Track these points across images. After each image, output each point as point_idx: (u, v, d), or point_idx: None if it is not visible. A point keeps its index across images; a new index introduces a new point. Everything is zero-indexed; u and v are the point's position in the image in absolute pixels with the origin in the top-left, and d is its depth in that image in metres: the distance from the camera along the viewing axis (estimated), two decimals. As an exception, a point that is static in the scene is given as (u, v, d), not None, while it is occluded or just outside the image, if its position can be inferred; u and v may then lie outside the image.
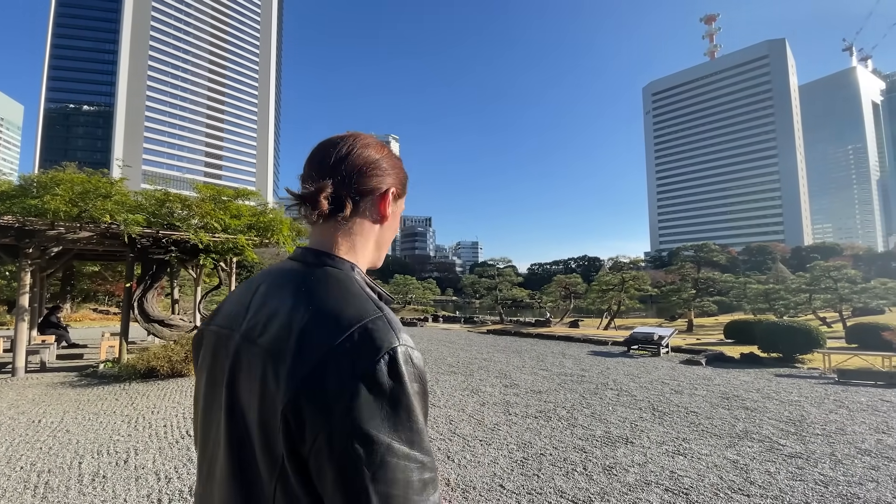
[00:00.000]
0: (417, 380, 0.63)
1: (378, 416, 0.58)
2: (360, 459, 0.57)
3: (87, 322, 22.45)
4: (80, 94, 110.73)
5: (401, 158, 0.89)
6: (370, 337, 0.62)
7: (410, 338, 0.66)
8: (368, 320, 0.64)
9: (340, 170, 0.78)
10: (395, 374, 0.60)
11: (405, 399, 0.60)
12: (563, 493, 3.74)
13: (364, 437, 0.57)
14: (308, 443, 0.60)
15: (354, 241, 0.80)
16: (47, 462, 4.37)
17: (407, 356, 0.62)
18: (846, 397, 7.22)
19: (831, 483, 3.95)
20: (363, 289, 0.72)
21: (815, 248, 76.76)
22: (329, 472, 0.58)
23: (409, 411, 0.60)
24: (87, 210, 8.81)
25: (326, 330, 0.64)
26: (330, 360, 0.61)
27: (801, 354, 10.65)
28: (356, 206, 0.79)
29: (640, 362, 10.81)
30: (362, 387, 0.59)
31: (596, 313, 27.70)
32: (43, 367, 9.30)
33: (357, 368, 0.60)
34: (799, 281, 22.09)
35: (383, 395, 0.59)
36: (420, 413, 0.61)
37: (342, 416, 0.58)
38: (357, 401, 0.58)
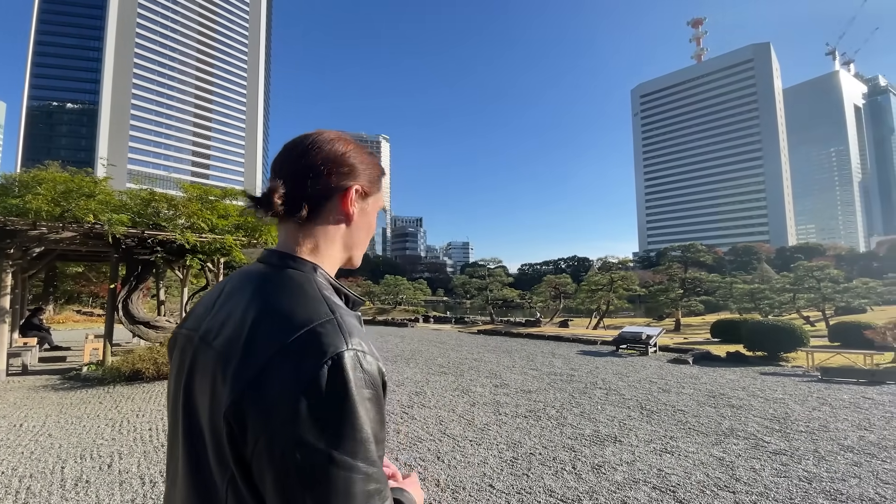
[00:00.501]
0: (368, 386, 0.61)
1: (318, 424, 0.56)
2: (298, 467, 0.56)
3: (70, 324, 22.02)
4: (63, 91, 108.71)
5: (373, 154, 0.85)
6: (316, 341, 0.61)
7: (365, 342, 0.64)
8: (317, 324, 0.63)
9: (298, 168, 0.76)
10: (338, 380, 0.58)
11: (349, 406, 0.57)
12: (552, 492, 3.76)
13: (302, 444, 0.56)
14: (250, 446, 0.59)
15: (317, 242, 0.78)
16: (29, 467, 4.28)
17: (355, 361, 0.60)
18: (829, 395, 7.35)
19: (815, 479, 4.02)
20: (321, 291, 0.70)
21: (799, 248, 78.21)
22: (268, 477, 0.57)
23: (353, 419, 0.57)
24: (69, 210, 8.67)
25: (273, 333, 0.63)
26: (273, 364, 0.60)
27: (785, 353, 10.82)
28: (316, 206, 0.76)
29: (629, 361, 10.91)
30: (303, 392, 0.57)
31: (585, 313, 27.87)
32: (25, 370, 9.11)
33: (300, 373, 0.58)
34: (783, 281, 22.43)
35: (324, 401, 0.57)
36: (367, 421, 0.59)
37: (282, 421, 0.57)
38: (297, 407, 0.57)
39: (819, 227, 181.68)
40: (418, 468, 4.28)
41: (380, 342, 14.88)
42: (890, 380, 8.16)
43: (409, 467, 4.30)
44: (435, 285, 72.56)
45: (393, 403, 6.82)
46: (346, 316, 0.67)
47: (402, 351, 12.79)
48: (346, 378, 0.58)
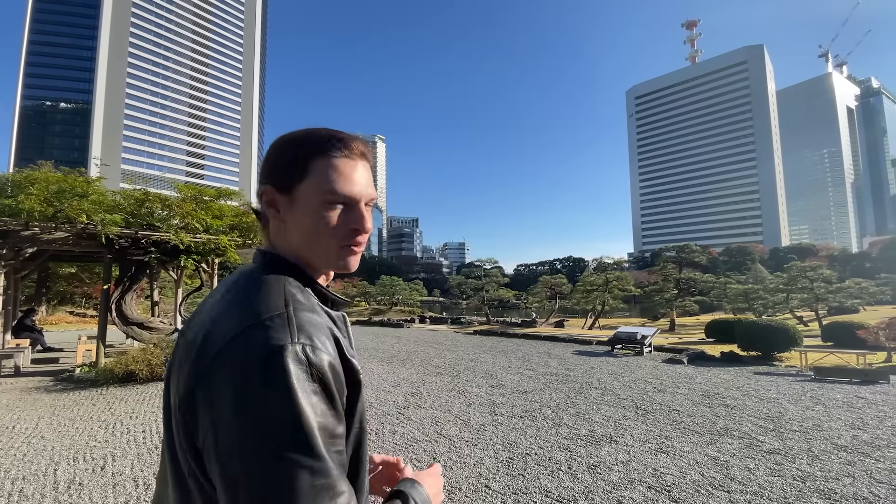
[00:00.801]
0: (314, 380, 0.60)
1: (259, 418, 0.57)
2: (241, 460, 0.56)
3: (63, 325, 21.83)
4: (57, 90, 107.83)
5: (300, 140, 0.77)
6: (261, 334, 0.62)
7: (319, 338, 0.64)
8: (266, 318, 0.64)
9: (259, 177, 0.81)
10: (278, 374, 0.58)
11: (290, 400, 0.57)
12: (548, 493, 3.76)
13: (245, 437, 0.56)
14: (200, 438, 0.60)
15: (276, 241, 0.80)
16: (22, 469, 4.24)
17: (300, 355, 0.60)
18: (822, 394, 7.40)
19: (809, 478, 4.05)
20: (285, 287, 0.71)
21: (793, 248, 78.71)
22: (215, 469, 0.58)
23: (295, 413, 0.57)
24: (62, 210, 8.58)
25: (226, 327, 0.64)
26: (221, 358, 0.61)
27: (779, 353, 10.89)
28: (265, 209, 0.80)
29: (624, 361, 10.94)
30: (244, 386, 0.58)
31: (581, 313, 27.93)
32: (17, 371, 9.03)
33: (242, 366, 0.59)
34: (777, 281, 22.61)
35: (264, 395, 0.57)
36: (313, 416, 0.58)
37: (224, 415, 0.58)
38: (239, 400, 0.57)
39: (812, 227, 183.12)
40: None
41: (375, 343, 14.86)
42: (882, 379, 8.23)
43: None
44: (431, 286, 72.49)
45: (388, 404, 6.81)
46: (301, 311, 0.67)
47: (398, 352, 12.77)
48: (286, 371, 0.58)
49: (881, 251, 56.85)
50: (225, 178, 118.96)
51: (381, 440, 5.15)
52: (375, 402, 6.91)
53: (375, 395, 7.45)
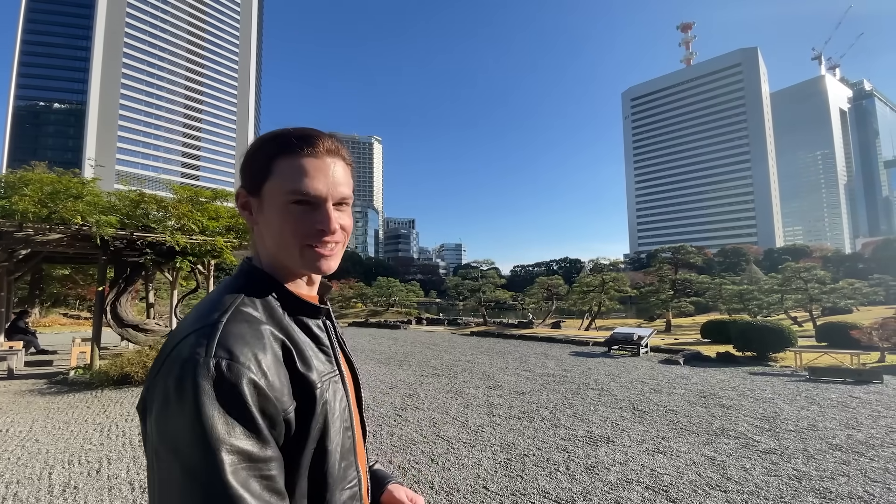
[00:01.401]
0: (229, 397, 0.58)
1: (171, 433, 0.57)
2: (156, 469, 0.58)
3: (56, 327, 21.65)
4: (51, 91, 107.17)
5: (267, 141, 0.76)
6: (184, 347, 0.62)
7: (242, 350, 0.62)
8: (194, 330, 0.65)
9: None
10: (190, 387, 0.58)
11: (195, 418, 0.56)
12: (546, 494, 3.76)
13: (159, 451, 0.58)
14: (147, 447, 0.62)
15: (258, 246, 0.80)
16: (16, 473, 4.20)
17: (213, 370, 0.59)
18: (817, 394, 7.45)
19: (804, 478, 4.07)
20: (235, 295, 0.71)
21: (787, 249, 79.26)
22: (153, 476, 0.60)
23: (198, 432, 0.56)
24: (56, 211, 8.51)
25: (172, 339, 0.67)
26: (160, 370, 0.63)
27: (774, 353, 10.95)
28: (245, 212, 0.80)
29: (621, 362, 10.97)
30: (164, 400, 0.59)
31: (577, 314, 27.99)
32: (10, 374, 8.94)
33: (166, 381, 0.60)
34: (771, 282, 22.73)
35: (176, 411, 0.58)
36: (223, 436, 0.56)
37: (152, 425, 0.60)
38: (160, 413, 0.59)
39: (806, 228, 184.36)
40: (412, 471, 4.27)
41: (372, 344, 14.83)
42: (876, 379, 8.29)
43: (403, 470, 4.29)
44: (428, 287, 72.50)
45: (386, 406, 6.80)
46: (235, 323, 0.66)
47: (395, 353, 12.75)
48: (197, 385, 0.58)
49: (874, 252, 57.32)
50: (221, 179, 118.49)
51: (379, 442, 5.14)
52: (373, 405, 6.89)
53: (373, 396, 7.44)
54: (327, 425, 0.70)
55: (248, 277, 0.76)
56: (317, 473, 0.69)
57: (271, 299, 0.74)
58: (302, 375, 0.68)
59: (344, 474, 0.73)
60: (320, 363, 0.74)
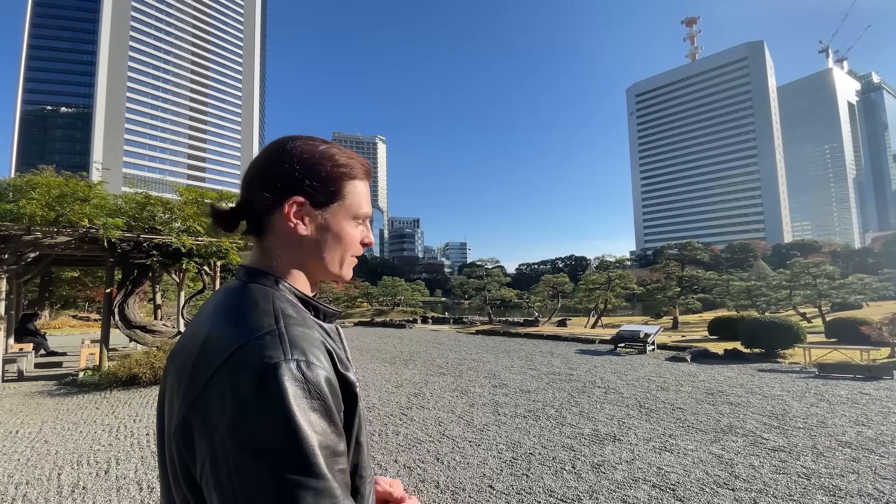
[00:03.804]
0: (313, 396, 0.59)
1: (257, 439, 0.55)
2: (239, 486, 0.55)
3: (66, 329, 21.88)
4: (57, 95, 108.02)
5: (336, 158, 0.78)
6: (253, 354, 0.60)
7: (314, 353, 0.63)
8: (256, 336, 0.62)
9: (254, 184, 0.77)
10: (274, 393, 0.57)
11: (287, 419, 0.56)
12: (552, 492, 3.75)
13: (243, 462, 0.55)
14: (198, 468, 0.58)
15: (280, 256, 0.77)
16: (25, 474, 4.25)
17: (295, 372, 0.59)
18: (826, 391, 7.38)
19: (814, 475, 4.03)
20: (274, 303, 0.70)
21: (795, 245, 78.45)
22: (215, 498, 0.56)
23: (294, 433, 0.56)
24: (64, 214, 8.60)
25: (217, 350, 0.63)
26: (215, 382, 0.59)
27: (782, 349, 10.86)
28: (266, 221, 0.77)
29: (627, 360, 10.92)
30: (240, 408, 0.56)
31: (583, 312, 27.86)
32: (20, 375, 9.05)
33: (235, 389, 0.58)
34: (780, 277, 22.51)
35: (262, 416, 0.56)
36: (313, 434, 0.57)
37: (222, 440, 0.56)
38: (236, 423, 0.56)
39: (814, 223, 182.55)
40: (418, 470, 4.27)
41: (378, 343, 14.86)
42: (886, 375, 8.20)
43: (409, 469, 4.29)
44: (433, 286, 72.44)
45: (391, 405, 6.81)
46: (293, 327, 0.66)
47: (401, 352, 12.77)
48: (282, 390, 0.57)
49: (884, 246, 56.58)
50: (226, 180, 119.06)
51: (385, 441, 5.15)
52: (378, 403, 6.91)
53: (378, 395, 7.45)
54: (362, 423, 0.73)
55: (267, 283, 0.75)
56: (356, 466, 0.71)
57: (297, 305, 0.74)
58: (344, 376, 0.69)
59: (368, 467, 0.76)
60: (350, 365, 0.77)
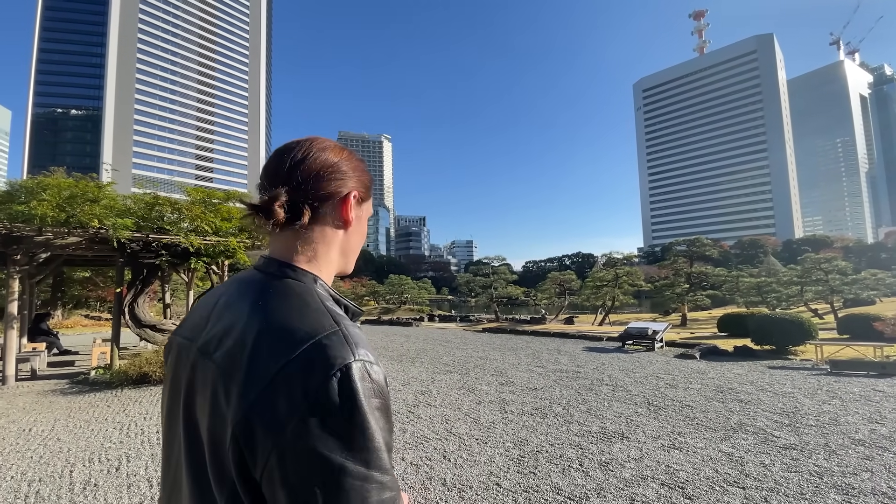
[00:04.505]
0: (377, 395, 0.61)
1: (331, 437, 0.56)
2: (313, 482, 0.55)
3: (78, 328, 22.18)
4: (68, 98, 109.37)
5: (363, 160, 0.88)
6: (323, 354, 0.60)
7: (371, 353, 0.64)
8: (322, 336, 0.62)
9: (296, 176, 0.74)
10: (348, 392, 0.58)
11: (360, 417, 0.58)
12: (559, 490, 3.73)
13: (316, 458, 0.56)
14: (259, 466, 0.58)
15: (317, 250, 0.77)
16: (38, 471, 4.31)
17: (363, 372, 0.61)
18: (839, 388, 7.28)
19: (826, 474, 3.98)
20: (323, 302, 0.70)
21: (806, 240, 77.42)
22: (282, 495, 0.56)
23: (365, 430, 0.58)
24: (74, 215, 8.70)
25: (279, 347, 0.62)
26: (281, 380, 0.59)
27: (793, 346, 10.73)
28: (315, 213, 0.75)
29: (635, 357, 10.85)
30: (313, 406, 0.57)
31: (591, 309, 27.74)
32: (34, 374, 9.18)
33: (308, 387, 0.58)
34: (790, 273, 22.25)
35: (336, 414, 0.57)
36: (378, 430, 0.59)
37: (294, 437, 0.56)
38: (308, 421, 0.56)
39: (826, 218, 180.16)
40: (424, 467, 4.27)
41: (385, 341, 14.90)
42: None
43: (416, 467, 4.30)
44: (439, 284, 72.44)
45: (398, 403, 6.82)
46: (350, 327, 0.67)
47: (408, 350, 12.79)
48: (354, 389, 0.58)
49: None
50: (234, 180, 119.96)
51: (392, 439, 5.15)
52: (385, 401, 6.92)
53: (385, 393, 7.46)
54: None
55: (303, 280, 0.74)
56: None
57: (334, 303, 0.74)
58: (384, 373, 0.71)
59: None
60: None
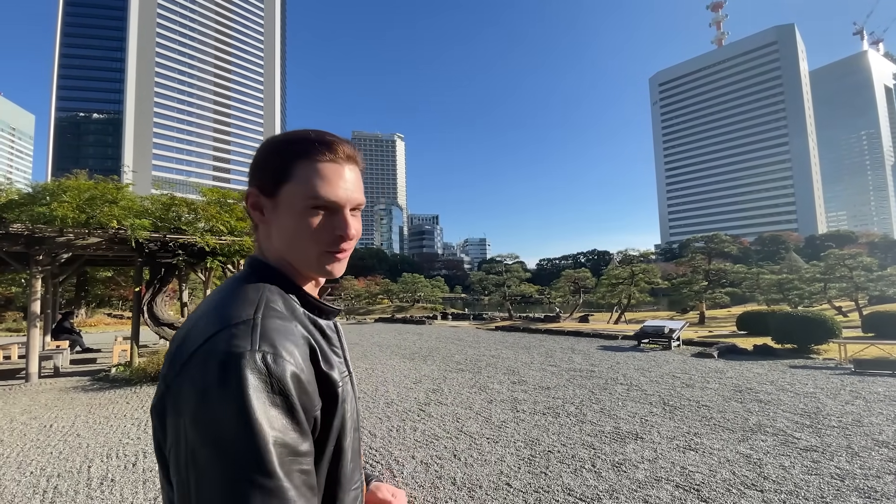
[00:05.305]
0: (275, 391, 0.58)
1: (214, 429, 0.55)
2: (193, 474, 0.55)
3: (101, 327, 22.79)
4: (89, 102, 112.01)
5: (288, 140, 0.76)
6: (223, 342, 0.60)
7: (287, 347, 0.62)
8: (231, 325, 0.63)
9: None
10: (235, 382, 0.56)
11: (244, 412, 0.55)
12: (570, 491, 3.68)
13: (198, 450, 0.55)
14: (167, 446, 0.61)
15: (263, 244, 0.79)
16: (57, 466, 4.41)
17: (259, 364, 0.58)
18: (863, 388, 7.06)
19: (848, 477, 3.85)
20: (263, 293, 0.70)
21: (830, 236, 75.33)
22: (173, 479, 0.58)
23: (250, 427, 0.55)
24: (94, 216, 8.90)
25: (197, 335, 0.64)
26: (188, 365, 0.60)
27: (816, 345, 10.44)
28: (256, 210, 0.78)
29: (651, 356, 10.69)
30: (202, 395, 0.57)
31: (606, 307, 27.44)
32: (56, 372, 9.44)
33: (201, 374, 0.58)
34: (813, 270, 21.67)
35: (222, 406, 0.56)
36: (267, 428, 0.56)
37: (186, 422, 0.57)
38: (196, 410, 0.56)
39: (850, 213, 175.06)
40: (434, 466, 4.26)
41: (398, 340, 14.95)
42: (929, 371, 7.79)
43: (426, 465, 4.29)
44: (452, 282, 72.45)
45: (410, 401, 6.83)
46: (272, 319, 0.65)
47: (420, 348, 12.81)
48: (242, 380, 0.57)
49: (927, 236, 53.84)
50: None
51: (403, 437, 5.16)
52: (397, 400, 6.94)
53: (397, 391, 7.48)
54: (344, 425, 0.71)
55: (263, 276, 0.75)
56: (333, 473, 0.70)
57: (290, 299, 0.74)
58: (326, 374, 0.68)
59: (352, 475, 0.74)
60: (337, 363, 0.75)
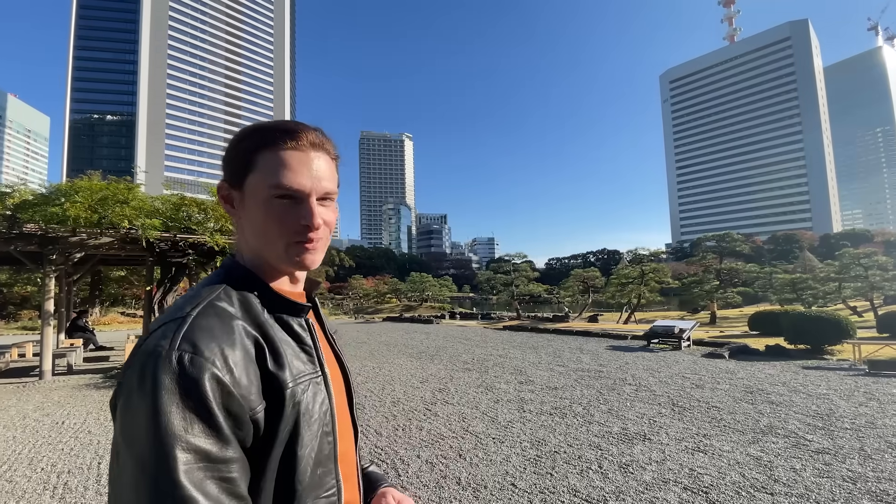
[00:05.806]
0: (187, 393, 0.56)
1: (129, 429, 0.56)
2: (116, 466, 0.56)
3: (115, 325, 23.13)
4: (103, 104, 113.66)
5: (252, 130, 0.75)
6: (153, 342, 0.60)
7: (209, 347, 0.60)
8: (164, 323, 0.63)
9: None
10: (149, 380, 0.56)
11: (150, 413, 0.54)
12: (576, 492, 3.65)
13: (119, 448, 0.57)
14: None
15: (240, 241, 0.79)
16: (68, 463, 4.48)
17: (174, 364, 0.57)
18: (877, 389, 6.92)
19: (860, 479, 3.77)
20: (214, 290, 0.70)
21: (845, 234, 74.02)
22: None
23: (152, 428, 0.53)
24: (106, 216, 9.02)
25: (145, 334, 0.65)
26: (126, 364, 0.62)
27: (829, 345, 10.27)
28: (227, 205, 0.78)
29: (661, 356, 10.58)
30: (128, 392, 0.58)
31: (616, 307, 27.22)
32: (70, 369, 9.58)
33: (130, 374, 0.59)
34: (827, 269, 21.33)
35: (136, 405, 0.56)
36: (174, 431, 0.53)
37: (116, 420, 0.59)
38: (123, 407, 0.58)
39: (866, 211, 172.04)
40: (440, 466, 4.25)
41: (405, 339, 14.97)
42: (947, 373, 7.61)
43: (431, 465, 4.28)
44: (460, 282, 72.30)
45: (416, 400, 6.82)
46: (205, 317, 0.64)
47: (427, 347, 12.81)
48: (154, 382, 0.56)
49: (945, 235, 52.70)
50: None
51: (408, 436, 5.15)
52: (403, 398, 6.94)
53: (403, 390, 7.49)
54: (299, 429, 0.67)
55: (228, 273, 0.74)
56: (285, 479, 0.66)
57: (250, 295, 0.72)
58: (272, 374, 0.66)
59: (319, 482, 0.70)
60: (300, 363, 0.71)
